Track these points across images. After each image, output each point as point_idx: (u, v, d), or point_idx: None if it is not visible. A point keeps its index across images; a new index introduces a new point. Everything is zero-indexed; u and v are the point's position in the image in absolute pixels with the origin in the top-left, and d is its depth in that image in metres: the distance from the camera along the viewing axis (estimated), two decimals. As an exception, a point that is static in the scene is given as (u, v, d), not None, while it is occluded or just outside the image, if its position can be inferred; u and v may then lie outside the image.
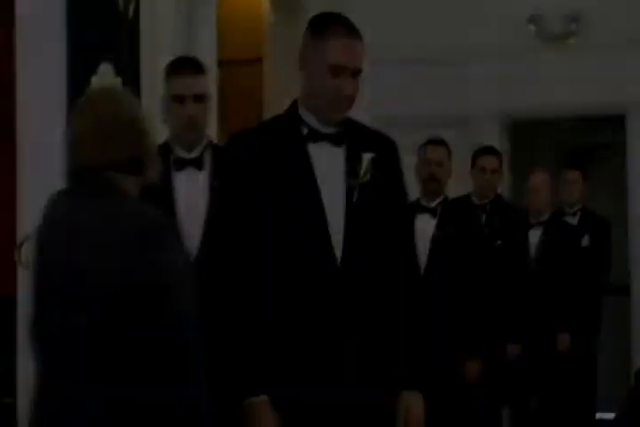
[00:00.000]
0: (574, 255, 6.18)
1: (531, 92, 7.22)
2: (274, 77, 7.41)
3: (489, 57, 7.27)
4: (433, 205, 4.93)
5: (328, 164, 2.76)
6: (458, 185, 5.62)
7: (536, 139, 8.47)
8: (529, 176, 6.37)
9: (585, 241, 6.55)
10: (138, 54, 5.40)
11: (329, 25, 2.78)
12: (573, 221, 6.61)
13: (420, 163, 4.98)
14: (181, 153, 3.61)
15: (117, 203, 2.24)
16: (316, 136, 2.78)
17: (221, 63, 6.59)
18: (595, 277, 6.47)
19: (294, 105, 2.85)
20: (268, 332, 2.66)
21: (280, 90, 7.35)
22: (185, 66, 3.67)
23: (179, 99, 3.58)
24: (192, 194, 3.56)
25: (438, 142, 5.08)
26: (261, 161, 2.74)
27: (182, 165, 3.59)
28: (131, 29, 5.34)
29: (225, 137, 6.39)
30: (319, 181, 2.73)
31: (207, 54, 6.07)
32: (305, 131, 2.78)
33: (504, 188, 7.17)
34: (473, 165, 5.75)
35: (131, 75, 5.29)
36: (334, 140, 2.79)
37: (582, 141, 8.27)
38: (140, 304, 2.15)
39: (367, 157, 2.77)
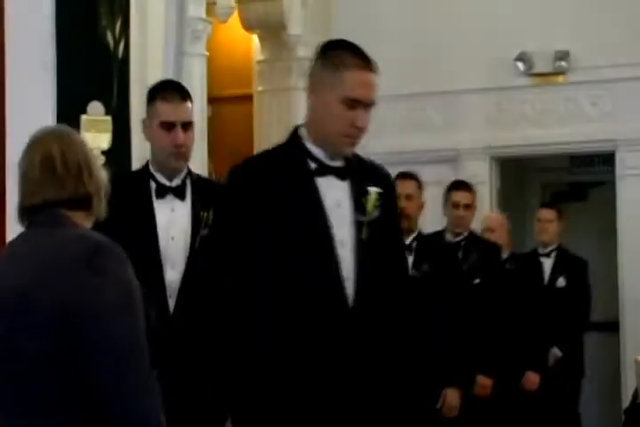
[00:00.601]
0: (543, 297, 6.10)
1: (520, 129, 7.26)
2: (263, 114, 7.44)
3: (478, 94, 7.31)
4: (407, 241, 4.88)
5: (334, 198, 2.69)
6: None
7: (525, 176, 8.50)
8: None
9: (561, 282, 6.38)
10: (128, 93, 5.42)
11: (345, 55, 2.71)
12: (548, 261, 6.45)
13: None
14: (163, 180, 3.55)
15: (63, 231, 2.31)
16: (324, 170, 2.71)
17: (211, 100, 6.62)
18: (575, 319, 6.33)
19: (296, 135, 2.78)
20: (269, 372, 2.61)
21: (269, 126, 7.39)
22: (174, 91, 3.61)
23: (168, 126, 3.52)
24: (174, 222, 3.52)
25: (407, 176, 5.00)
26: (268, 194, 2.65)
27: (164, 192, 3.54)
28: (121, 68, 5.35)
29: (215, 173, 6.43)
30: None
31: (197, 92, 6.09)
32: (312, 165, 2.71)
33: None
34: (446, 200, 5.63)
35: (120, 113, 5.30)
36: (340, 174, 2.73)
37: (572, 178, 8.29)
38: (74, 327, 2.19)
39: (374, 191, 2.71)
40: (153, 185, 3.55)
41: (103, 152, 5.16)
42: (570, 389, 6.35)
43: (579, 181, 8.28)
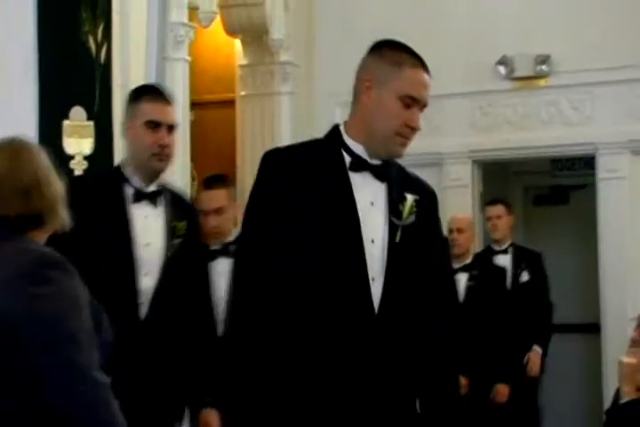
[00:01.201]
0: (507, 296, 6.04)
1: (502, 132, 7.28)
2: (246, 118, 7.44)
3: (460, 98, 7.33)
4: None
5: (368, 196, 2.61)
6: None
7: (508, 179, 8.53)
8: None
9: (524, 276, 6.43)
10: (110, 98, 5.41)
11: (404, 54, 2.67)
12: (506, 258, 6.43)
13: None
14: (139, 185, 3.52)
15: (10, 245, 2.31)
16: (361, 165, 2.63)
17: (194, 105, 6.61)
18: (542, 316, 6.40)
19: (336, 130, 2.69)
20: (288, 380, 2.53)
21: (252, 131, 7.39)
22: (161, 93, 3.61)
23: (153, 125, 3.50)
24: (148, 228, 3.49)
25: None
26: (300, 179, 2.57)
27: (140, 198, 3.51)
28: (103, 73, 5.35)
29: (197, 177, 6.43)
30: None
31: (180, 96, 6.09)
32: (348, 159, 2.63)
33: (474, 227, 7.21)
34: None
35: (103, 118, 5.30)
36: (378, 172, 2.65)
37: (553, 181, 8.33)
38: (14, 340, 2.18)
39: (411, 198, 2.64)
40: (129, 189, 3.50)
41: (86, 157, 5.15)
42: (530, 382, 6.38)
43: (560, 184, 8.32)
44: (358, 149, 2.63)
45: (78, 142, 5.17)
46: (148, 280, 3.43)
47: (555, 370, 7.99)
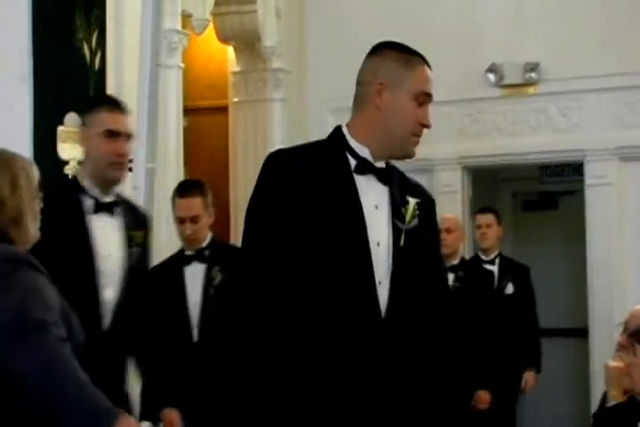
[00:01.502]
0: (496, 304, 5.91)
1: (491, 139, 7.31)
2: (238, 124, 7.45)
3: (451, 105, 7.35)
4: None
5: (373, 199, 2.57)
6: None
7: (497, 185, 8.55)
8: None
9: (509, 289, 6.29)
10: (104, 104, 5.41)
11: (409, 53, 2.66)
12: (493, 268, 6.30)
13: None
14: (97, 195, 3.51)
15: None
16: (366, 168, 2.59)
17: (187, 111, 6.63)
18: (526, 327, 6.25)
19: (340, 133, 2.63)
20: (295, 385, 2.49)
21: (244, 136, 7.40)
22: (117, 104, 3.64)
23: (112, 134, 3.51)
24: (108, 239, 3.49)
25: None
26: (304, 181, 2.52)
27: (98, 208, 3.50)
28: (97, 80, 5.36)
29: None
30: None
31: (173, 102, 6.12)
32: (353, 161, 2.58)
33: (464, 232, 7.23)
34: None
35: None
36: (382, 175, 2.62)
37: (542, 187, 8.35)
38: None
39: (414, 201, 2.61)
40: (87, 200, 3.49)
41: (80, 162, 5.16)
42: (510, 391, 6.22)
43: (549, 190, 8.34)
44: (364, 151, 2.59)
45: (72, 148, 5.17)
46: (109, 291, 3.44)
47: (543, 374, 8.02)
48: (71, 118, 5.19)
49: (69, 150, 5.17)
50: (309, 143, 2.69)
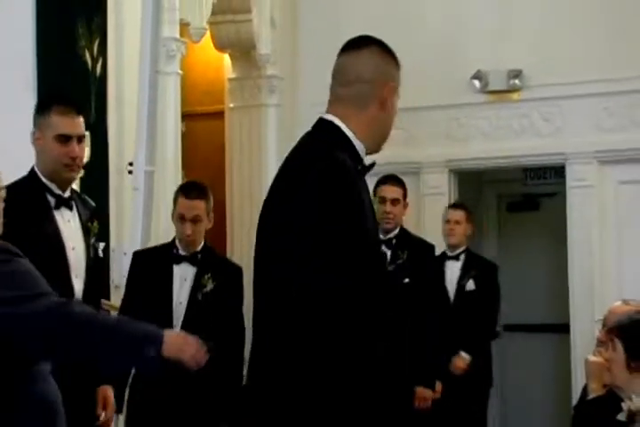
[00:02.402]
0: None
1: (477, 143, 7.32)
2: (234, 129, 7.46)
3: (437, 110, 7.37)
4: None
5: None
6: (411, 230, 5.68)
7: (482, 187, 8.56)
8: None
9: (470, 285, 5.96)
10: (105, 109, 5.43)
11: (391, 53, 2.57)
12: (457, 264, 6.07)
13: None
14: (58, 191, 3.53)
15: None
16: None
17: (185, 116, 6.63)
18: (482, 326, 5.88)
19: (340, 133, 2.46)
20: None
21: (240, 140, 7.41)
22: (70, 106, 3.59)
23: (64, 138, 3.50)
24: (71, 233, 3.51)
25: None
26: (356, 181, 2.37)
27: (60, 204, 3.53)
28: (99, 86, 5.36)
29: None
30: None
31: (172, 108, 6.12)
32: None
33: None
34: (374, 194, 5.13)
35: (98, 129, 5.31)
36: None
37: (525, 189, 8.36)
38: None
39: None
40: (49, 196, 3.51)
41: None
42: (478, 399, 5.92)
43: (532, 192, 8.35)
44: (363, 153, 2.49)
45: (74, 152, 5.17)
46: (78, 282, 3.46)
47: (527, 368, 8.05)
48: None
49: (72, 154, 5.18)
50: (329, 146, 2.42)
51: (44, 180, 3.52)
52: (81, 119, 3.59)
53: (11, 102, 4.81)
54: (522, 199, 8.53)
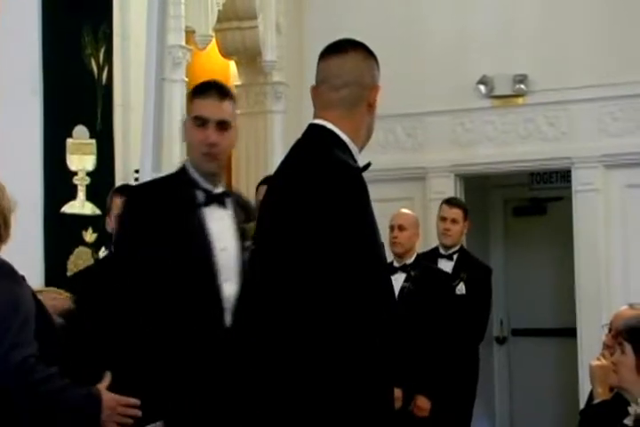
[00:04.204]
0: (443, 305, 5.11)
1: (482, 148, 7.32)
2: (240, 135, 7.45)
3: (443, 115, 7.37)
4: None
5: None
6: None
7: (488, 192, 8.56)
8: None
9: (460, 289, 5.57)
10: (112, 117, 5.43)
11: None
12: (448, 265, 5.67)
13: None
14: (208, 187, 3.12)
15: None
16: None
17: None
18: (470, 332, 5.50)
19: (335, 137, 2.48)
20: None
21: (246, 146, 7.41)
22: (212, 89, 3.19)
23: (201, 121, 3.10)
24: (223, 232, 3.11)
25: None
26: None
27: (210, 200, 3.11)
28: (105, 94, 5.37)
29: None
30: None
31: (178, 115, 6.11)
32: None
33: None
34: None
35: (104, 136, 5.31)
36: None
37: (531, 194, 8.36)
38: None
39: None
40: (198, 192, 3.09)
41: (88, 173, 5.17)
42: (461, 410, 5.56)
43: (538, 196, 8.34)
44: (357, 154, 2.50)
45: (81, 159, 5.19)
46: (228, 286, 3.04)
47: (534, 372, 8.02)
48: (79, 131, 5.20)
49: (78, 162, 5.18)
50: (328, 151, 2.43)
51: (192, 174, 3.09)
52: (226, 104, 3.12)
53: (17, 110, 4.82)
54: (528, 204, 8.52)
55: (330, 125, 2.49)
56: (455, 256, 5.74)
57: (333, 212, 2.30)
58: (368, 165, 2.49)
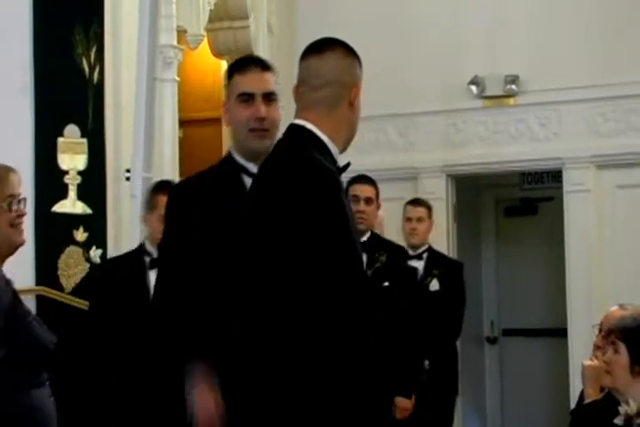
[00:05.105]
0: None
1: (474, 148, 7.33)
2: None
3: (435, 116, 7.38)
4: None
5: None
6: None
7: (480, 192, 8.57)
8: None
9: (434, 285, 5.58)
10: (103, 116, 5.42)
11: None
12: (419, 264, 5.62)
13: None
14: (254, 170, 2.82)
15: None
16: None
17: (182, 123, 6.63)
18: (446, 329, 5.52)
19: (314, 137, 2.46)
20: None
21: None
22: (252, 63, 3.00)
23: (246, 97, 2.92)
24: None
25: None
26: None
27: None
28: (96, 93, 5.36)
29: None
30: None
31: (169, 115, 6.12)
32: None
33: (449, 237, 7.24)
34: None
35: (96, 135, 5.31)
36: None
37: (523, 194, 8.37)
38: None
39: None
40: (247, 178, 2.83)
41: (79, 172, 5.16)
42: (443, 408, 5.56)
43: (529, 196, 8.35)
44: (336, 154, 2.47)
45: (72, 158, 5.18)
46: None
47: (525, 372, 8.04)
48: (71, 130, 5.20)
49: (69, 161, 5.17)
50: (311, 152, 2.41)
51: (237, 159, 2.88)
52: (268, 75, 2.94)
53: (8, 109, 4.81)
54: (519, 204, 8.54)
55: (309, 125, 2.47)
56: (425, 255, 5.73)
57: (306, 212, 2.27)
58: (347, 165, 2.48)
